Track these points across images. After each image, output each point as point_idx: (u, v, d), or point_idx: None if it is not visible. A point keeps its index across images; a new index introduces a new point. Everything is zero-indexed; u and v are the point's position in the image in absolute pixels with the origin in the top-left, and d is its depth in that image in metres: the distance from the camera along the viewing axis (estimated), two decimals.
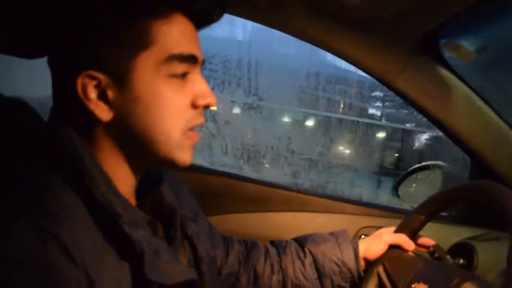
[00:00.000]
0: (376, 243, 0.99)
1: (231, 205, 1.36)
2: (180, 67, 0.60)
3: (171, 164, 0.64)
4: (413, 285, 0.82)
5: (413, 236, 0.99)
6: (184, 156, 0.63)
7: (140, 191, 0.70)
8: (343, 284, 0.97)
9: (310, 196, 1.41)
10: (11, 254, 0.47)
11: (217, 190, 1.36)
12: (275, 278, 0.97)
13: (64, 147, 0.57)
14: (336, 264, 0.96)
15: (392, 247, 0.98)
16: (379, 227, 1.08)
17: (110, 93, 0.58)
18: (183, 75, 0.62)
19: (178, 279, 0.60)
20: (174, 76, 0.60)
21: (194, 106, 0.63)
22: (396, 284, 0.88)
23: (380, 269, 0.95)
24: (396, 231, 1.01)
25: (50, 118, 0.62)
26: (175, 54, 0.59)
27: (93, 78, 0.57)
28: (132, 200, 0.67)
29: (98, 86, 0.57)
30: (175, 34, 0.59)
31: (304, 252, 0.99)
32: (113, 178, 0.59)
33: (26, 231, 0.48)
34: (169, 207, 0.72)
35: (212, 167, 1.56)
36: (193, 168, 1.38)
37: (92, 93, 0.57)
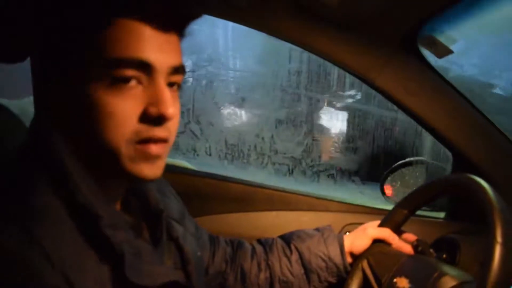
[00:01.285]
0: (361, 237, 1.00)
1: (216, 206, 1.36)
2: (125, 73, 0.55)
3: (131, 177, 0.59)
4: (394, 280, 0.83)
5: (397, 230, 1.01)
6: (141, 169, 0.58)
7: (126, 192, 0.70)
8: (330, 279, 0.98)
9: (294, 195, 1.42)
10: None
11: (201, 191, 1.36)
12: (262, 275, 0.98)
13: (47, 150, 0.56)
14: (322, 259, 0.97)
15: (377, 241, 1.00)
16: (363, 224, 1.09)
17: (60, 102, 0.58)
18: (135, 82, 0.56)
19: (161, 281, 0.60)
20: (118, 82, 0.55)
21: (144, 116, 0.57)
22: (379, 279, 0.89)
23: (365, 264, 0.96)
24: (380, 226, 1.02)
25: (33, 121, 0.61)
26: (116, 58, 0.54)
27: (48, 87, 0.58)
28: (117, 203, 0.67)
29: (52, 95, 0.58)
30: (122, 39, 0.55)
31: (290, 248, 0.99)
32: (97, 181, 0.59)
33: (7, 231, 0.48)
34: (154, 209, 0.72)
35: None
36: (177, 170, 1.37)
37: (48, 101, 0.58)
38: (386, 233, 0.99)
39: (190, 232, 0.84)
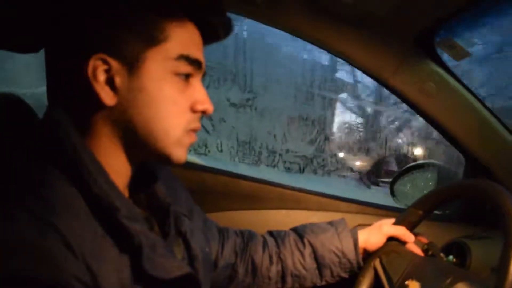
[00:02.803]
0: (376, 234, 0.99)
1: (225, 203, 1.36)
2: (186, 68, 0.63)
3: (166, 160, 0.65)
4: (406, 282, 0.83)
5: (411, 231, 1.00)
6: (180, 153, 0.65)
7: (134, 186, 0.70)
8: (342, 274, 0.98)
9: (304, 194, 1.41)
10: (11, 241, 0.47)
11: (212, 187, 1.36)
12: (274, 269, 0.98)
13: (63, 142, 0.57)
14: (336, 254, 0.96)
15: (390, 239, 0.99)
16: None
17: (118, 79, 0.59)
18: (187, 77, 0.65)
19: (176, 274, 0.61)
20: (179, 75, 0.63)
21: (193, 109, 0.65)
22: (391, 279, 0.89)
23: (377, 263, 0.95)
24: (395, 224, 1.01)
25: (48, 112, 0.62)
26: (184, 54, 0.62)
27: (104, 62, 0.59)
28: (126, 193, 0.68)
29: (107, 71, 0.59)
30: (186, 37, 0.63)
31: (303, 243, 0.99)
32: (109, 168, 0.60)
33: (26, 221, 0.49)
34: (162, 204, 0.72)
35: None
36: (188, 166, 1.37)
37: (101, 76, 0.59)
38: (402, 231, 0.98)
39: (198, 227, 0.84)
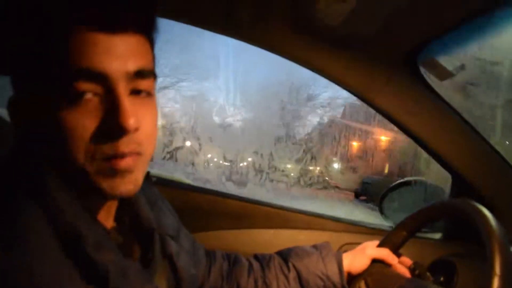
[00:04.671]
0: (360, 257, 0.99)
1: (213, 222, 1.35)
2: (78, 86, 0.51)
3: (106, 195, 0.55)
4: None
5: (395, 252, 1.00)
6: (110, 185, 0.54)
7: (121, 210, 0.68)
8: None
9: (292, 213, 1.41)
10: None
11: (199, 207, 1.35)
12: None
13: (28, 170, 0.54)
14: (321, 278, 0.95)
15: (375, 261, 0.99)
16: (361, 244, 1.07)
17: (29, 119, 0.55)
18: (91, 95, 0.52)
19: None
20: (73, 96, 0.51)
21: (103, 130, 0.52)
22: None
23: (362, 284, 0.95)
24: (379, 246, 1.01)
25: (17, 138, 0.59)
26: (69, 72, 0.51)
27: (17, 103, 0.57)
28: (110, 221, 0.65)
29: (23, 112, 0.56)
30: (66, 49, 0.50)
31: (287, 266, 0.98)
32: (84, 200, 0.56)
33: None
34: (146, 227, 0.69)
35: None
36: (175, 185, 1.36)
37: (18, 117, 0.57)
38: (385, 253, 0.98)
39: (185, 249, 0.83)
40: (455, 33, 0.99)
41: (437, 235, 1.42)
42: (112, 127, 0.52)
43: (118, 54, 0.52)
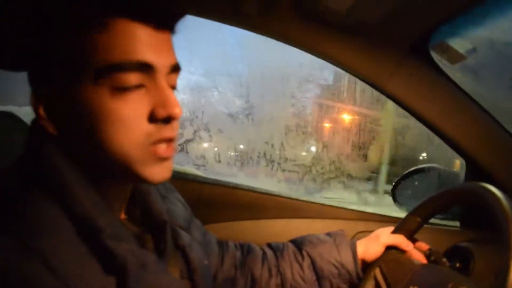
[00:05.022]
0: (374, 244, 0.98)
1: (225, 213, 1.36)
2: (126, 78, 0.53)
3: (141, 180, 0.58)
4: None
5: (410, 238, 0.99)
6: (151, 172, 0.57)
7: (132, 202, 0.69)
8: (342, 285, 0.97)
9: (304, 203, 1.40)
10: None
11: (211, 198, 1.35)
12: (273, 282, 0.97)
13: (44, 162, 0.55)
14: (335, 266, 0.95)
15: (390, 248, 0.98)
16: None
17: (56, 110, 0.56)
18: (137, 86, 0.55)
19: None
20: (121, 87, 0.54)
21: (152, 118, 0.56)
22: (393, 285, 0.88)
23: (377, 272, 0.94)
24: (393, 233, 1.00)
25: (31, 133, 0.60)
26: (115, 63, 0.53)
27: (41, 95, 0.56)
28: (121, 213, 0.66)
29: (46, 103, 0.56)
30: (115, 42, 0.53)
31: (302, 254, 0.98)
32: (100, 191, 0.58)
33: (7, 246, 0.47)
34: (158, 219, 0.70)
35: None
36: (186, 177, 1.37)
37: (41, 110, 0.56)
38: (400, 240, 0.97)
39: (197, 240, 0.83)
40: (466, 15, 0.97)
41: (454, 223, 1.40)
42: (163, 114, 0.56)
43: (162, 49, 0.57)
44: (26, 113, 0.72)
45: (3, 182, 0.56)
